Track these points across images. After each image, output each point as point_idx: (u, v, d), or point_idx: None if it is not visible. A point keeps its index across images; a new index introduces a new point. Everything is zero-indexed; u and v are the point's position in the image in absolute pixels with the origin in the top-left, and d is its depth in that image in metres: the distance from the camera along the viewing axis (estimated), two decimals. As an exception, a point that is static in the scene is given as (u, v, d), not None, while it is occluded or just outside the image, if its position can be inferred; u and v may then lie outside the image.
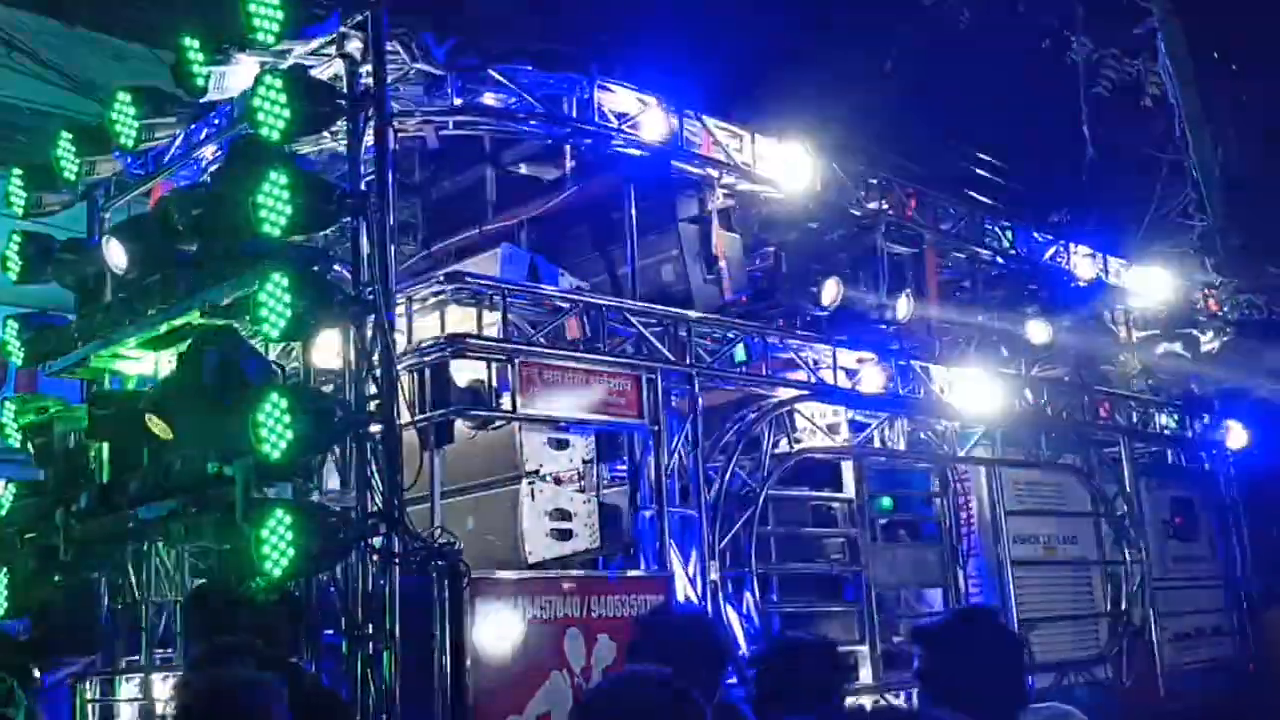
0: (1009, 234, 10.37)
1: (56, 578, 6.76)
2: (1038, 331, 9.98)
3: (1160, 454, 11.28)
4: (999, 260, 10.26)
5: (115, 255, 6.52)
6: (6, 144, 9.69)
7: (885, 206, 9.15)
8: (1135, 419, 10.77)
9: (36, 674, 5.19)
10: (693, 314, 7.70)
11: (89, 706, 7.20)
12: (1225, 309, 12.28)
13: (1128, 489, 10.19)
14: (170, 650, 7.01)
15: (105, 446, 6.72)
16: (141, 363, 7.06)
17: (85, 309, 7.16)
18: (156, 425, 5.85)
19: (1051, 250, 10.73)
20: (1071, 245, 10.87)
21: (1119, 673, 9.52)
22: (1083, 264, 10.88)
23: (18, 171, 7.56)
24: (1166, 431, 11.19)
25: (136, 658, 7.14)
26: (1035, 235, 10.64)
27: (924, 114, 13.49)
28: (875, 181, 9.18)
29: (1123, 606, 9.82)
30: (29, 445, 7.16)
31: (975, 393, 9.28)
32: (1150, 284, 11.61)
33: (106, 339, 6.88)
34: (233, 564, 5.54)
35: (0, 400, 7.49)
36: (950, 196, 10.00)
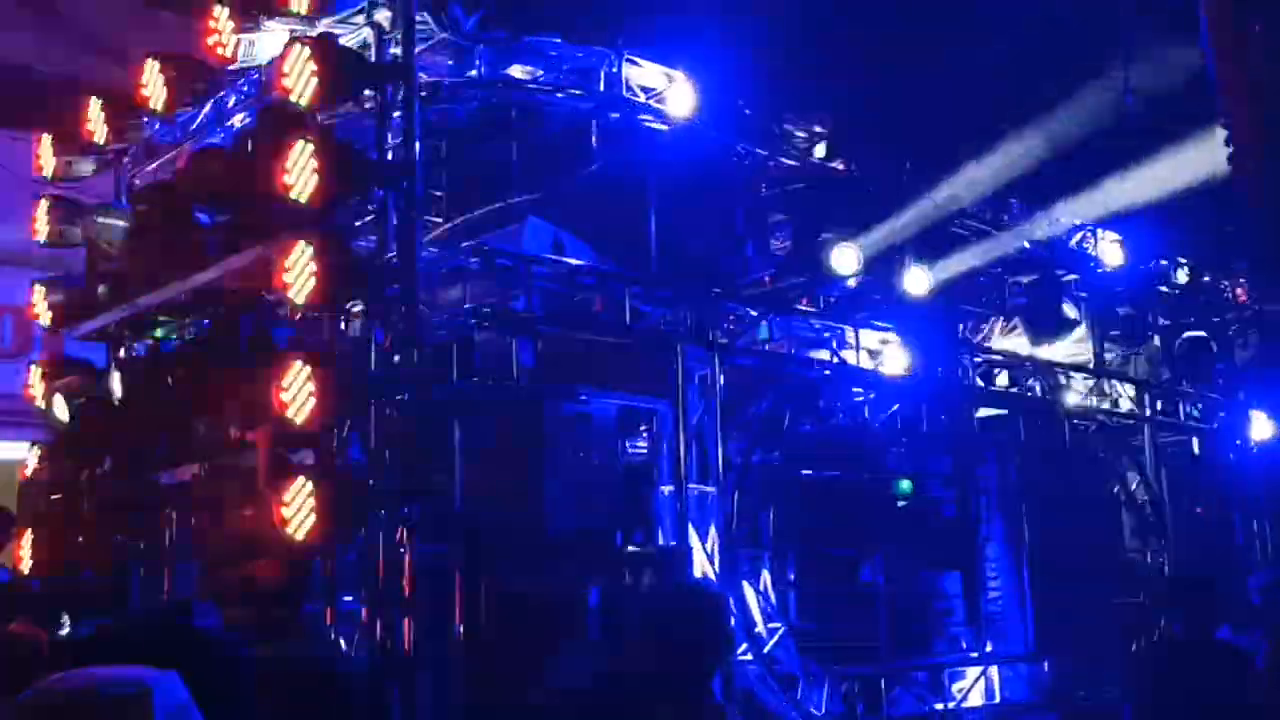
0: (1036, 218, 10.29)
1: (81, 539, 6.83)
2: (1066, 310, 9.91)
3: (1184, 443, 11.19)
4: (1025, 244, 10.18)
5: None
6: (35, 109, 9.72)
7: (912, 186, 9.09)
8: (1159, 407, 10.69)
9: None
10: (716, 291, 7.68)
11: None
12: (1253, 297, 12.14)
13: (1150, 478, 10.13)
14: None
15: (131, 410, 6.77)
16: (167, 327, 7.10)
17: (108, 273, 7.20)
18: (181, 387, 5.89)
19: (1079, 235, 10.64)
20: (1099, 231, 10.77)
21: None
22: (1109, 250, 10.79)
23: (47, 137, 7.60)
24: (1191, 421, 11.11)
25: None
26: (1062, 219, 10.55)
27: (952, 95, 13.37)
28: (903, 160, 9.12)
29: (1142, 596, 9.77)
30: (55, 408, 7.22)
31: (998, 377, 9.23)
32: (1178, 271, 11.49)
33: (133, 304, 6.93)
34: (254, 529, 5.58)
35: (28, 364, 7.56)
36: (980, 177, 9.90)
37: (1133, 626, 8.92)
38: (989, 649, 8.70)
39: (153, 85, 6.95)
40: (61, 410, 7.17)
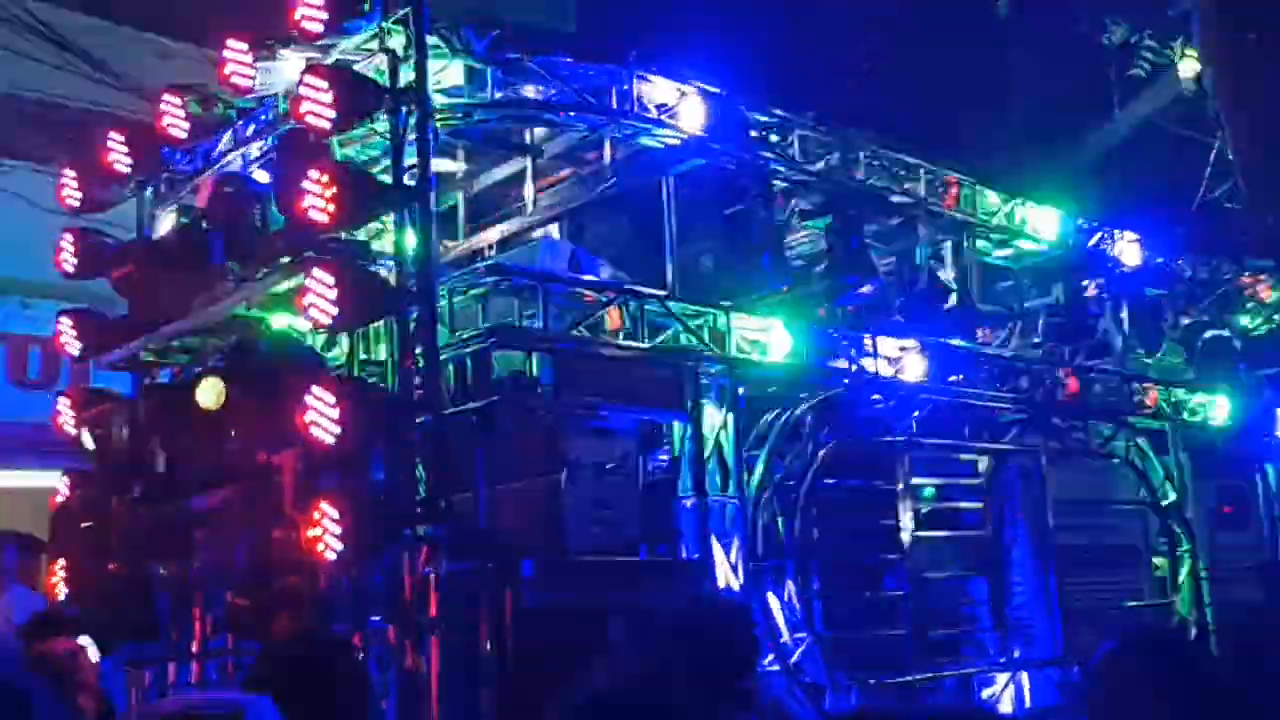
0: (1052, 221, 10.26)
1: (112, 566, 6.91)
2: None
3: (1209, 442, 11.12)
4: (1043, 248, 10.16)
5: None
6: (56, 142, 9.87)
7: (925, 194, 9.11)
8: (1183, 406, 10.63)
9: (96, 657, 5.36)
10: (733, 304, 7.71)
11: (143, 693, 7.35)
12: (1275, 295, 12.07)
13: (1175, 477, 10.07)
14: (222, 639, 7.14)
15: (159, 438, 6.86)
16: (192, 354, 7.20)
17: (135, 303, 7.31)
18: (207, 393, 5.96)
19: (1097, 237, 10.61)
20: (1117, 232, 10.73)
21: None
22: (1129, 250, 10.74)
23: (70, 169, 7.72)
24: (1214, 420, 11.03)
25: (190, 646, 7.28)
26: (1080, 222, 10.52)
27: (961, 100, 13.39)
28: (916, 168, 9.13)
29: (1170, 598, 9.72)
30: (85, 437, 7.32)
31: (1019, 380, 9.20)
32: (1197, 270, 11.44)
33: (158, 332, 7.02)
34: (283, 551, 5.65)
35: (56, 393, 7.66)
36: (991, 183, 9.90)
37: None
38: (1016, 655, 8.67)
39: (172, 116, 7.07)
40: (90, 439, 7.26)
